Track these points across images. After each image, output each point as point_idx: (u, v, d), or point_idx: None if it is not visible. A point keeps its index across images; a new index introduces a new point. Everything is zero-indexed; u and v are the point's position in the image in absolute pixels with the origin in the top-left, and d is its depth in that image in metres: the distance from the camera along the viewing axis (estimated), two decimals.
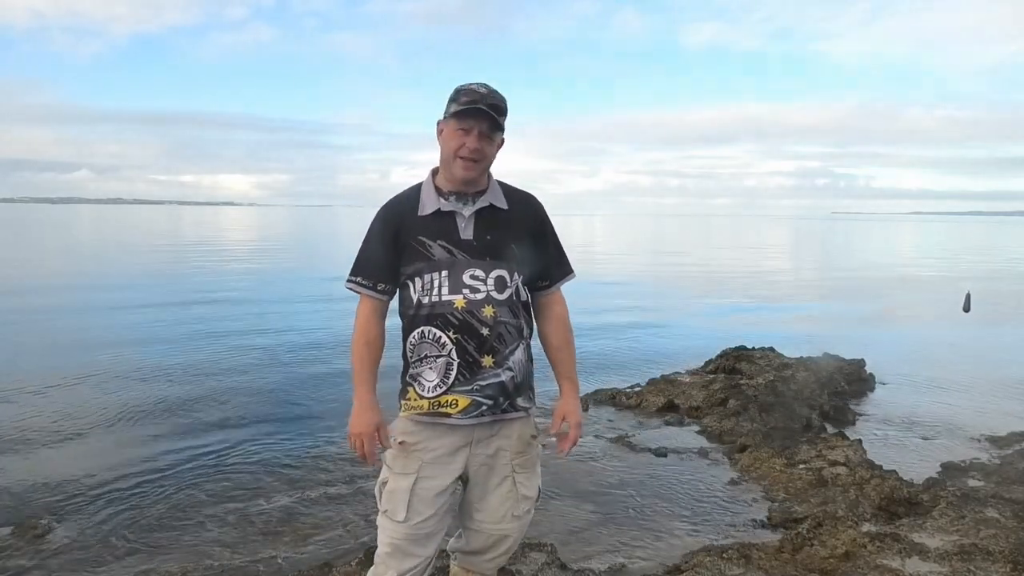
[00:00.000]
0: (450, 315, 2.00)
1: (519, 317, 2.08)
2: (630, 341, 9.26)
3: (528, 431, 2.16)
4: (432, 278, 2.01)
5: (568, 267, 2.23)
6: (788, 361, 7.13)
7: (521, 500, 2.15)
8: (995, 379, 7.33)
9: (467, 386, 2.02)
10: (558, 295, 2.21)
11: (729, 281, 18.42)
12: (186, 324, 9.86)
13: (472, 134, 1.97)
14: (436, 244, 2.01)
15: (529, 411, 2.16)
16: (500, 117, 1.99)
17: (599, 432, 5.31)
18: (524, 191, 2.19)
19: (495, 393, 2.04)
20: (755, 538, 3.54)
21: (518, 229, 2.08)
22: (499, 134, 2.03)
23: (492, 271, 2.02)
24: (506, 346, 2.04)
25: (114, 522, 3.71)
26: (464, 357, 2.01)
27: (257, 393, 6.27)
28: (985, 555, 3.11)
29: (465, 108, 1.95)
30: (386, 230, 2.07)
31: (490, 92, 1.99)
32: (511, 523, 2.16)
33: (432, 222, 2.03)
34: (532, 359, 2.16)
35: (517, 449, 2.13)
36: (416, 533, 2.05)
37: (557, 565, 3.20)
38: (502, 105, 1.99)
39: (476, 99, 1.95)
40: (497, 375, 2.04)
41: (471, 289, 2.00)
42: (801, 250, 38.87)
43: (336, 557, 3.29)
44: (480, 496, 2.15)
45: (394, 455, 2.10)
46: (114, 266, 20.14)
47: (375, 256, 2.09)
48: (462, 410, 2.03)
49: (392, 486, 2.07)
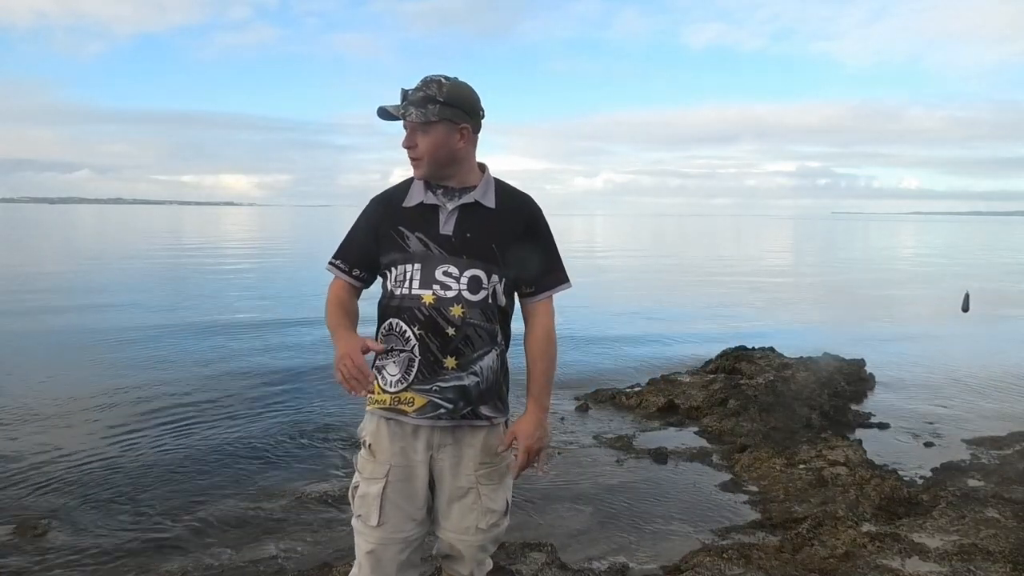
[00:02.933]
0: (417, 310, 1.94)
1: (493, 322, 2.00)
2: (630, 341, 9.25)
3: (495, 442, 2.06)
4: (405, 270, 1.96)
5: (561, 276, 2.10)
6: (788, 361, 7.13)
7: (486, 513, 2.05)
8: (995, 379, 7.34)
9: (426, 385, 1.96)
10: (544, 305, 2.09)
11: (729, 281, 18.42)
12: (189, 323, 9.86)
13: (406, 133, 1.96)
14: (413, 236, 1.96)
15: (494, 421, 2.05)
16: (424, 108, 1.89)
17: (599, 432, 5.31)
18: (522, 192, 2.11)
19: (455, 397, 1.96)
20: (755, 538, 3.54)
21: (502, 230, 1.99)
22: (435, 124, 1.91)
23: (467, 270, 1.95)
24: (473, 350, 1.96)
25: (114, 522, 3.70)
26: (426, 355, 1.94)
27: (258, 394, 6.27)
28: (985, 555, 3.11)
29: (378, 109, 1.94)
30: (370, 218, 2.05)
31: (419, 86, 1.93)
32: (475, 536, 2.06)
33: (414, 214, 1.99)
34: (507, 369, 2.09)
35: (481, 460, 2.03)
36: (391, 537, 2.01)
37: (557, 565, 3.20)
38: (424, 95, 1.90)
39: (401, 99, 1.94)
40: (460, 378, 1.96)
41: (442, 286, 1.93)
42: (801, 250, 38.88)
43: (336, 557, 3.29)
44: (445, 505, 2.07)
45: (363, 459, 2.05)
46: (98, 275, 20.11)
47: (356, 242, 2.06)
48: (418, 409, 1.96)
49: (363, 491, 2.02)
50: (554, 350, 2.10)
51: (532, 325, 2.10)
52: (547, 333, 2.09)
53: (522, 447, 2.02)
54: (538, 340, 2.08)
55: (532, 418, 2.05)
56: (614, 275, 19.54)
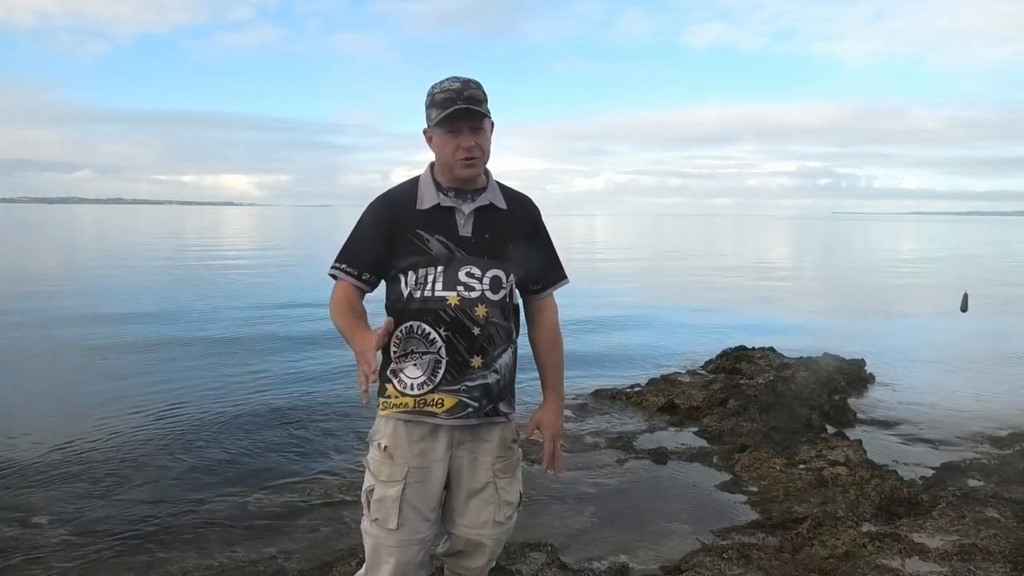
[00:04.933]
0: (442, 312, 1.96)
1: (509, 320, 2.06)
2: (630, 341, 9.25)
3: (509, 436, 2.12)
4: (427, 272, 1.97)
5: (561, 273, 2.19)
6: (788, 361, 7.14)
7: (503, 506, 2.10)
8: (994, 379, 7.34)
9: (454, 386, 1.98)
10: (550, 300, 2.18)
11: (729, 281, 18.43)
12: (193, 323, 9.86)
13: (463, 133, 1.93)
14: (434, 239, 1.98)
15: (509, 417, 2.11)
16: (481, 107, 1.93)
17: (599, 432, 5.31)
18: (521, 193, 2.16)
19: (481, 395, 2.00)
20: (755, 538, 3.54)
21: (515, 230, 2.05)
22: (488, 121, 1.98)
23: (488, 270, 1.99)
24: (495, 348, 2.01)
25: (114, 522, 3.70)
26: (454, 356, 1.97)
27: (258, 393, 6.26)
28: (985, 555, 3.11)
29: (453, 111, 1.90)
30: (380, 222, 2.03)
31: (464, 85, 1.92)
32: (492, 529, 2.11)
33: (431, 216, 2.00)
34: (517, 365, 2.13)
35: (498, 454, 2.08)
36: (409, 539, 2.02)
37: (557, 565, 3.20)
38: (479, 94, 1.93)
39: (454, 97, 1.90)
40: (484, 377, 2.00)
41: (466, 287, 1.97)
42: (801, 250, 38.87)
43: (336, 557, 3.29)
44: (462, 501, 2.10)
45: (379, 462, 2.04)
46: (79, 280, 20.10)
47: (364, 246, 2.05)
48: (448, 410, 1.99)
49: (380, 494, 2.02)
50: (562, 342, 2.20)
51: (540, 320, 2.17)
52: (555, 326, 2.19)
53: (548, 434, 2.12)
54: (548, 333, 2.17)
55: (553, 407, 2.16)
56: (614, 275, 19.54)
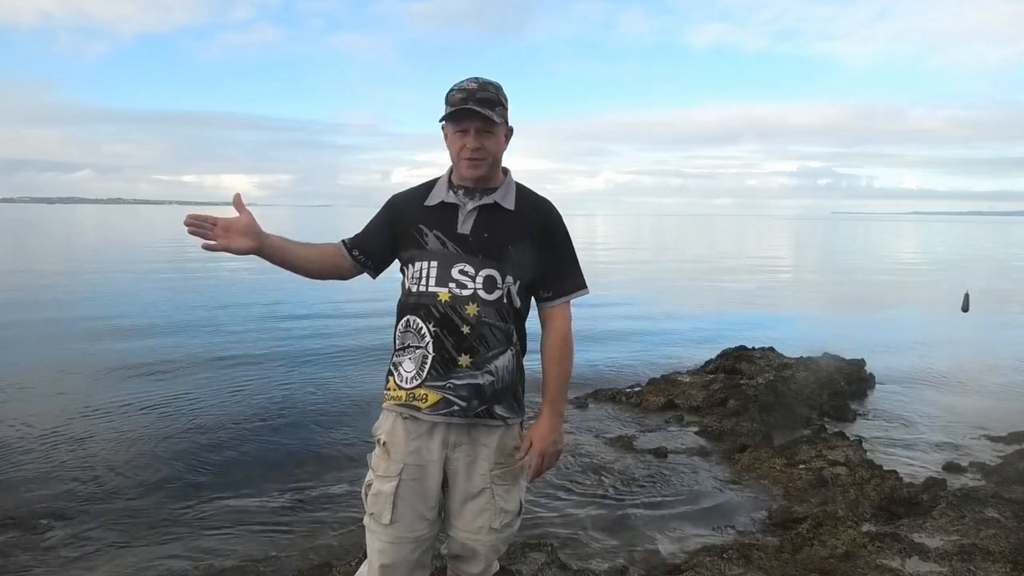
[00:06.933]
0: (433, 307, 1.97)
1: (509, 322, 2.02)
2: (630, 341, 9.25)
3: (510, 443, 2.08)
4: (422, 267, 1.99)
5: (579, 282, 2.11)
6: (788, 361, 7.14)
7: (499, 513, 2.07)
8: (994, 379, 7.34)
9: (439, 382, 1.98)
10: (561, 310, 2.10)
11: (729, 281, 18.42)
12: (195, 326, 9.87)
13: (470, 133, 1.95)
14: (432, 234, 2.00)
15: (509, 422, 2.07)
16: (493, 110, 1.94)
17: (599, 432, 5.31)
18: (542, 198, 2.13)
19: (469, 395, 1.98)
20: (755, 538, 3.54)
21: (519, 232, 2.02)
22: (500, 126, 1.98)
23: (482, 269, 1.97)
24: (488, 349, 1.98)
25: (114, 522, 3.71)
26: (440, 352, 1.97)
27: (260, 393, 6.26)
28: (985, 555, 3.11)
29: (456, 110, 1.92)
30: (387, 213, 2.10)
31: (480, 86, 1.94)
32: (487, 535, 2.08)
33: (434, 212, 2.03)
34: (523, 370, 2.11)
35: (496, 460, 2.05)
36: (403, 536, 2.02)
37: (557, 565, 3.20)
38: (494, 97, 1.95)
39: (466, 97, 1.92)
40: (474, 376, 1.98)
41: (457, 284, 1.96)
42: (801, 250, 38.86)
43: (336, 557, 3.29)
44: (457, 504, 2.08)
45: (378, 457, 2.06)
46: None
47: (367, 230, 2.14)
48: (431, 405, 1.98)
49: (377, 488, 2.03)
50: (570, 355, 2.13)
51: (549, 330, 2.13)
52: (563, 338, 2.11)
53: (536, 451, 2.07)
54: (554, 345, 2.11)
55: (547, 423, 2.10)
56: (614, 275, 19.53)
